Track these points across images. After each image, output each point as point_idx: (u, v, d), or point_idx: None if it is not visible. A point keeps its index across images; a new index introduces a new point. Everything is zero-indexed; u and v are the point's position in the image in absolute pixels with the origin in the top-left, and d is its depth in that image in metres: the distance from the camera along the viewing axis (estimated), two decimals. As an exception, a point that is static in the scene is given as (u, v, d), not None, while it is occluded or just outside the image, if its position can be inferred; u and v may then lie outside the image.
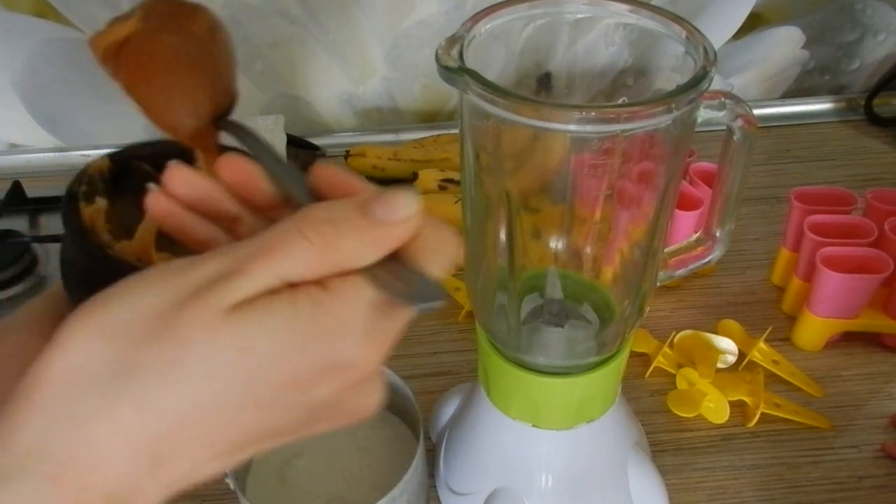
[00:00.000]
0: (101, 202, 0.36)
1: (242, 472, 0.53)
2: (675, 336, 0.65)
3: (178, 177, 0.30)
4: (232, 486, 0.49)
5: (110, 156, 0.38)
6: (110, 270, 0.28)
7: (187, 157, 0.35)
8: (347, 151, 0.81)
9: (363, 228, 0.25)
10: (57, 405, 0.22)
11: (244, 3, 0.81)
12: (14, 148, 0.93)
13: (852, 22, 0.91)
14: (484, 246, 0.45)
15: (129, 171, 0.38)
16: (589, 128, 0.35)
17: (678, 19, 0.40)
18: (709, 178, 0.67)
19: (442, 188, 0.77)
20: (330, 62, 0.88)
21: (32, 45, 0.84)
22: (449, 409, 0.58)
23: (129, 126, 0.91)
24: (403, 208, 0.25)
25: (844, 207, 0.66)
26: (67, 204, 0.35)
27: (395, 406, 0.57)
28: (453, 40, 0.37)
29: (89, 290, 0.27)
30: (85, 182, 0.37)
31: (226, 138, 0.33)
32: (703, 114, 0.39)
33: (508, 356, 0.46)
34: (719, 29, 0.90)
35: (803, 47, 0.93)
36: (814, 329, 0.64)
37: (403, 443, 0.55)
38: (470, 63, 0.36)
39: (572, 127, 0.35)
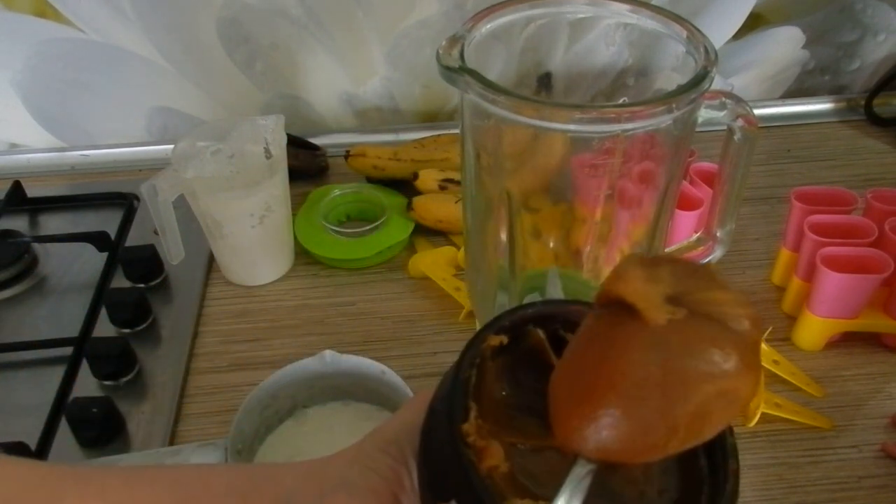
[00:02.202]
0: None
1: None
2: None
3: None
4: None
5: (506, 327, 0.30)
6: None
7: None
8: (347, 151, 0.81)
9: None
10: None
11: (244, 3, 0.81)
12: (14, 148, 0.93)
13: (852, 22, 0.91)
14: (484, 246, 0.45)
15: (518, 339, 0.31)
16: (589, 128, 0.35)
17: (679, 19, 0.40)
18: (709, 178, 0.67)
19: (442, 188, 0.77)
20: (330, 62, 0.88)
21: (32, 45, 0.84)
22: (449, 409, 0.57)
23: (130, 126, 0.91)
24: None
25: (844, 207, 0.66)
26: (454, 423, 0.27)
27: (396, 406, 0.57)
28: (454, 40, 0.38)
29: None
30: (476, 365, 0.29)
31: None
32: (704, 114, 0.39)
33: (509, 356, 0.46)
34: (719, 29, 0.90)
35: (803, 47, 0.93)
36: (814, 329, 0.64)
37: (404, 443, 0.55)
38: (470, 63, 0.36)
39: (573, 127, 0.35)
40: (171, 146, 0.67)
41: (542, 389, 0.28)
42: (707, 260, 0.47)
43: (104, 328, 0.68)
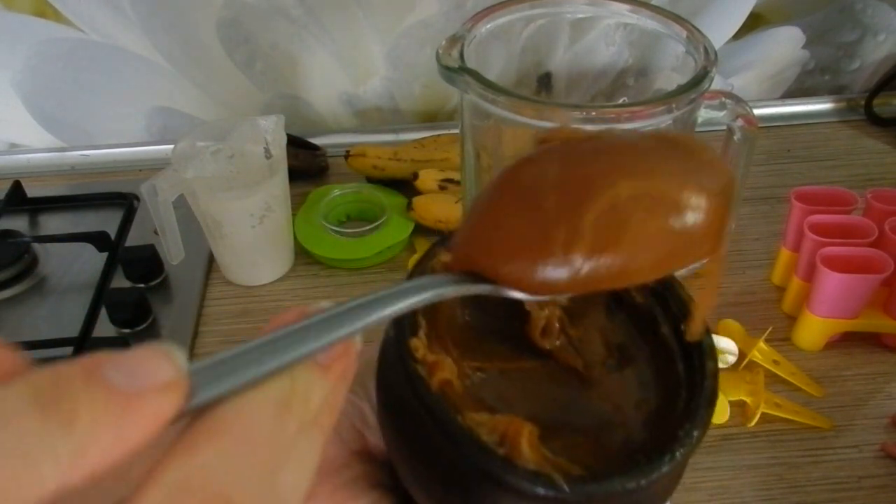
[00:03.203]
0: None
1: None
2: (675, 336, 0.65)
3: None
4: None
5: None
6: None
7: None
8: (347, 151, 0.81)
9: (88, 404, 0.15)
10: None
11: (244, 3, 0.81)
12: (14, 148, 0.93)
13: (852, 22, 0.91)
14: (484, 246, 0.45)
15: None
16: (589, 127, 0.35)
17: (678, 19, 0.40)
18: (709, 178, 0.67)
19: (442, 188, 0.77)
20: (330, 62, 0.88)
21: (32, 45, 0.84)
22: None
23: (130, 126, 0.91)
24: (158, 371, 0.16)
25: (844, 207, 0.66)
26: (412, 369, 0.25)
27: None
28: (454, 40, 0.38)
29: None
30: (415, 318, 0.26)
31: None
32: (704, 114, 0.39)
33: (509, 356, 0.46)
34: (719, 29, 0.90)
35: (803, 47, 0.93)
36: (814, 329, 0.64)
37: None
38: (470, 63, 0.37)
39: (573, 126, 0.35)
40: (171, 146, 0.67)
41: (509, 314, 0.28)
42: (707, 260, 0.47)
43: (104, 328, 0.68)
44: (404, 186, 0.78)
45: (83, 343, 0.66)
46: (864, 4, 0.90)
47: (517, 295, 0.23)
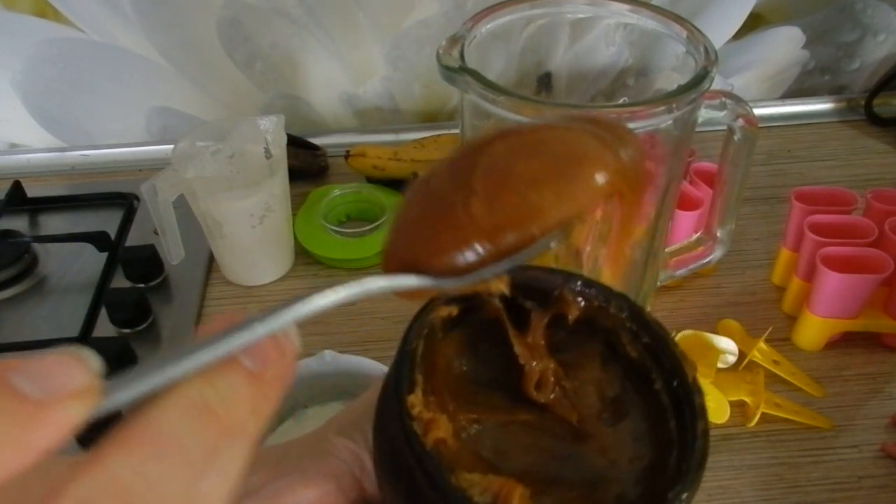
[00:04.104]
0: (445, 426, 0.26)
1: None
2: (675, 336, 0.65)
3: None
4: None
5: (457, 296, 0.28)
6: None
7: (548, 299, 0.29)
8: (347, 151, 0.81)
9: None
10: None
11: (244, 3, 0.81)
12: (14, 148, 0.93)
13: (852, 22, 0.91)
14: (484, 246, 0.45)
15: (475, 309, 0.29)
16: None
17: (678, 19, 0.40)
18: (709, 178, 0.67)
19: (442, 188, 0.77)
20: (330, 62, 0.88)
21: (32, 45, 0.84)
22: (449, 409, 0.57)
23: (130, 126, 0.91)
24: (68, 377, 0.16)
25: (844, 207, 0.66)
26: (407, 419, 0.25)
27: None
28: (454, 40, 0.38)
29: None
30: (424, 336, 0.27)
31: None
32: (704, 114, 0.39)
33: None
34: (719, 29, 0.90)
35: (803, 47, 0.93)
36: (814, 329, 0.64)
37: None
38: (470, 63, 0.37)
39: (573, 127, 0.35)
40: (171, 146, 0.67)
41: (505, 363, 0.28)
42: (707, 260, 0.47)
43: (104, 328, 0.68)
44: (404, 186, 0.78)
45: (83, 343, 0.66)
46: (864, 4, 0.90)
47: (450, 283, 0.24)
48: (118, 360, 0.63)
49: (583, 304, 0.30)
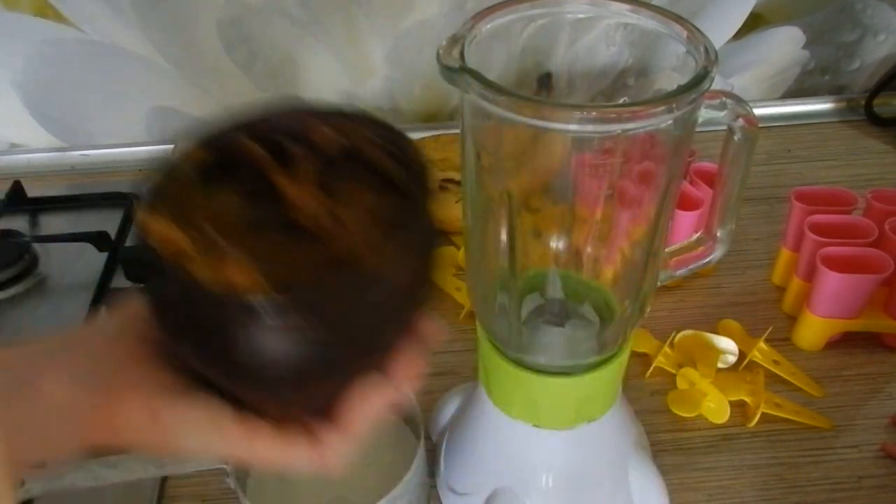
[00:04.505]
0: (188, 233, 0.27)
1: (243, 473, 0.53)
2: (675, 336, 0.65)
3: None
4: (233, 486, 0.49)
5: (208, 143, 0.30)
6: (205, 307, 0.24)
7: (308, 141, 0.30)
8: (347, 151, 0.81)
9: None
10: None
11: (244, 3, 0.81)
12: (14, 148, 0.93)
13: (852, 22, 0.91)
14: (484, 246, 0.45)
15: (233, 157, 0.30)
16: (590, 128, 0.35)
17: (679, 19, 0.40)
18: (709, 178, 0.67)
19: (442, 188, 0.77)
20: (330, 62, 0.88)
21: (32, 45, 0.84)
22: (449, 409, 0.58)
23: (130, 126, 0.91)
24: None
25: (845, 207, 0.66)
26: (143, 231, 0.27)
27: (395, 406, 0.57)
28: (454, 40, 0.37)
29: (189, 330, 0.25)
30: (161, 195, 0.28)
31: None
32: (704, 114, 0.39)
33: (509, 356, 0.46)
34: (719, 29, 0.90)
35: (803, 47, 0.93)
36: (814, 329, 0.64)
37: (403, 443, 0.55)
38: (471, 63, 0.36)
39: (573, 127, 0.35)
40: (171, 146, 0.66)
41: (277, 203, 0.28)
42: (708, 260, 0.47)
43: (104, 328, 0.68)
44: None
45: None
46: (864, 4, 0.90)
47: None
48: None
49: (337, 136, 0.31)
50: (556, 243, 0.46)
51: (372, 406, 0.31)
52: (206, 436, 0.29)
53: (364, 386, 0.31)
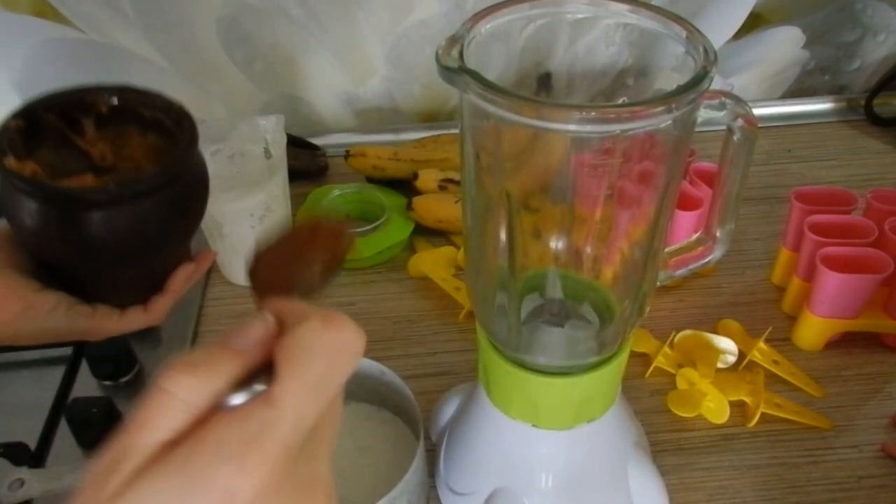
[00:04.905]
0: (31, 163, 0.42)
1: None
2: (675, 336, 0.65)
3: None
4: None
5: (19, 114, 0.42)
6: (56, 199, 0.37)
7: (87, 108, 0.43)
8: (347, 151, 0.81)
9: (223, 362, 0.23)
10: None
11: (244, 3, 0.81)
12: (14, 148, 0.93)
13: (852, 22, 0.91)
14: (484, 246, 0.45)
15: (40, 124, 0.43)
16: (589, 128, 0.35)
17: (678, 19, 0.40)
18: (709, 178, 0.67)
19: (442, 188, 0.77)
20: (330, 62, 0.88)
21: (32, 45, 0.84)
22: (449, 409, 0.58)
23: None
24: (255, 330, 0.24)
25: (844, 207, 0.66)
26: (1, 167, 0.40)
27: (395, 406, 0.57)
28: (453, 40, 0.37)
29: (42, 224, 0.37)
30: (7, 146, 0.41)
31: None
32: (704, 114, 0.39)
33: (509, 356, 0.46)
34: (719, 29, 0.90)
35: (803, 47, 0.93)
36: (814, 329, 0.64)
37: (403, 443, 0.55)
38: (470, 63, 0.36)
39: (572, 127, 0.35)
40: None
41: (81, 155, 0.44)
42: (707, 260, 0.47)
43: (104, 328, 0.68)
44: (404, 186, 0.78)
45: (83, 343, 0.66)
46: (864, 4, 0.90)
47: None
48: (116, 361, 0.63)
49: (110, 101, 0.45)
50: (556, 243, 0.46)
51: (184, 273, 0.46)
52: (64, 316, 0.41)
53: (176, 262, 0.45)
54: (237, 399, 0.22)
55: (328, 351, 0.25)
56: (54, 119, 0.43)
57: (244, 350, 0.24)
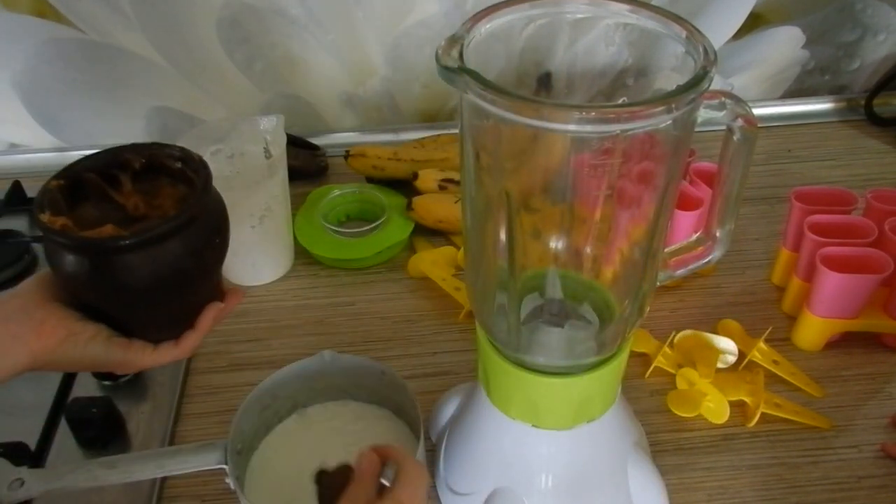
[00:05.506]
0: (63, 218, 0.44)
1: (243, 473, 0.53)
2: (675, 336, 0.65)
3: None
4: (232, 486, 0.49)
5: (60, 175, 0.46)
6: (83, 248, 0.41)
7: (126, 167, 0.48)
8: (347, 151, 0.81)
9: None
10: None
11: (244, 3, 0.81)
12: (14, 148, 0.93)
13: (852, 22, 0.91)
14: (484, 246, 0.45)
15: (81, 183, 0.47)
16: (589, 128, 0.35)
17: (678, 19, 0.40)
18: (709, 178, 0.67)
19: (442, 188, 0.77)
20: (330, 62, 0.88)
21: (32, 45, 0.84)
22: (449, 409, 0.58)
23: (128, 126, 0.91)
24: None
25: (844, 207, 0.66)
26: (38, 222, 0.43)
27: (395, 406, 0.57)
28: (453, 40, 0.37)
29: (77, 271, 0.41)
30: (47, 204, 0.44)
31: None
32: (704, 114, 0.39)
33: (508, 356, 0.46)
34: (719, 29, 0.90)
35: (803, 47, 0.93)
36: (814, 329, 0.64)
37: (403, 442, 0.55)
38: (470, 63, 0.36)
39: (572, 127, 0.35)
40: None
41: (108, 203, 0.48)
42: (707, 260, 0.47)
43: (104, 328, 0.68)
44: (404, 186, 0.78)
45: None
46: (864, 4, 0.90)
47: None
48: (118, 360, 0.63)
49: (141, 159, 0.48)
50: (556, 243, 0.46)
51: (213, 311, 0.48)
52: (102, 346, 0.43)
53: (205, 298, 0.48)
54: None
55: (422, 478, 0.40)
56: (94, 178, 0.47)
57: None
